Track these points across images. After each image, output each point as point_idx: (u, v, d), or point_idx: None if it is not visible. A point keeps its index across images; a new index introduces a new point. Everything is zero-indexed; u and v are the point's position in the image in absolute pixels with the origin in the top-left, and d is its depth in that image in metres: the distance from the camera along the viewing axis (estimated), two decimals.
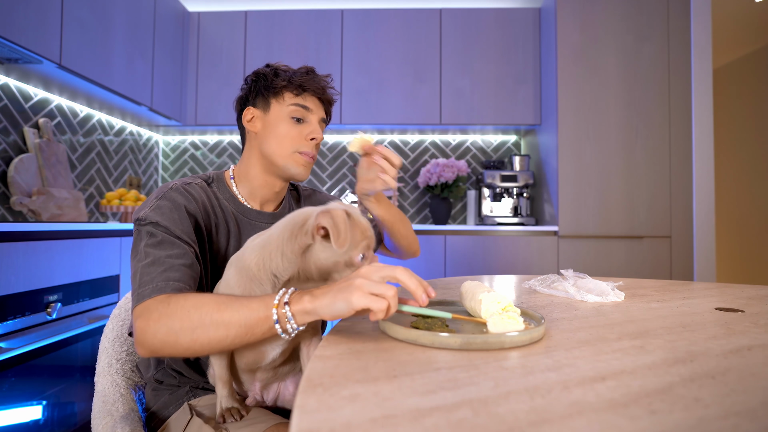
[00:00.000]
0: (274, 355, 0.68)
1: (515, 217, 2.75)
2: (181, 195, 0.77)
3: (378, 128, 2.98)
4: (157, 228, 0.71)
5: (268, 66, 0.91)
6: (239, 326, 0.57)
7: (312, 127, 0.89)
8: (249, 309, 0.57)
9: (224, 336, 0.58)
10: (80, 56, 1.94)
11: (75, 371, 1.53)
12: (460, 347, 0.51)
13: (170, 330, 0.59)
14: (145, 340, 0.61)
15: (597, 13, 2.51)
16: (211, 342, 0.58)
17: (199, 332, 0.58)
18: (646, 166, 2.48)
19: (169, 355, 0.61)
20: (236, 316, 0.57)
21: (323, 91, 0.90)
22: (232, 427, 0.69)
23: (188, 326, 0.59)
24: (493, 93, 2.82)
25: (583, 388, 0.39)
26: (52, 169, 2.10)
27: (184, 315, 0.59)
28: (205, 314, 0.58)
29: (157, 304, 0.62)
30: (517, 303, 0.82)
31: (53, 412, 1.43)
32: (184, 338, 0.59)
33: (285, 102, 0.87)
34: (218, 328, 0.58)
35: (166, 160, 3.25)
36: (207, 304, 0.60)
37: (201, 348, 0.59)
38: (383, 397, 0.37)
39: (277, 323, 0.56)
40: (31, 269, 1.35)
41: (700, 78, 2.49)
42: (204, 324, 0.58)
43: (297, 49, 2.84)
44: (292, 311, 0.56)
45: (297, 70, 0.89)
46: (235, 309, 0.58)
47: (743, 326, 0.63)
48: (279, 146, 0.87)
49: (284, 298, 0.56)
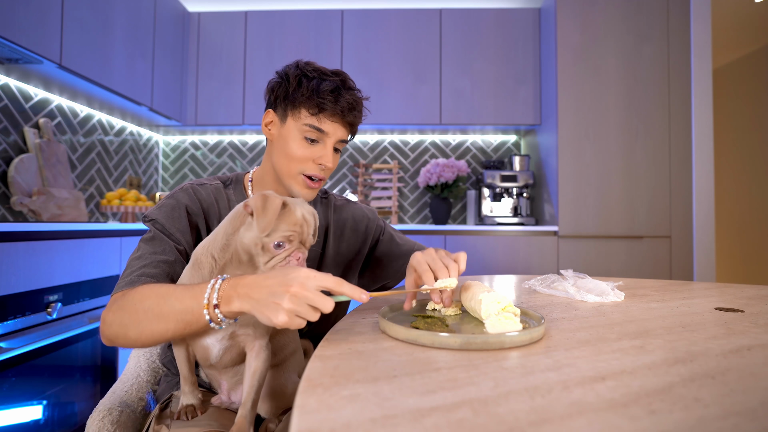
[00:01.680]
0: (216, 353, 0.68)
1: (515, 217, 2.75)
2: (187, 195, 0.80)
3: (378, 128, 2.99)
4: (155, 225, 0.75)
5: (297, 66, 0.83)
6: (177, 321, 0.60)
7: (324, 152, 0.81)
8: (184, 306, 0.59)
9: (165, 329, 0.60)
10: (80, 56, 1.95)
11: (75, 371, 1.53)
12: (460, 347, 0.51)
13: (121, 323, 0.63)
14: (103, 330, 0.65)
15: (597, 13, 2.51)
16: (154, 335, 0.61)
17: (144, 325, 0.61)
18: (646, 166, 2.48)
19: (123, 345, 0.64)
20: (174, 311, 0.60)
21: (344, 114, 0.80)
22: (175, 425, 0.70)
23: (135, 320, 0.61)
24: (493, 93, 2.82)
25: (583, 388, 0.39)
26: (52, 169, 2.11)
27: (132, 309, 0.62)
28: (147, 308, 0.61)
29: (120, 296, 0.65)
30: (517, 303, 0.82)
31: (53, 412, 1.43)
32: (132, 331, 0.62)
33: (300, 119, 0.80)
34: (159, 322, 0.60)
35: (166, 160, 3.25)
36: (150, 297, 0.62)
37: (148, 340, 0.62)
38: (383, 397, 0.37)
39: (211, 322, 0.58)
40: (32, 269, 1.35)
41: (700, 78, 2.49)
42: (147, 318, 0.61)
43: (297, 49, 2.84)
44: (222, 311, 0.58)
45: (323, 83, 0.79)
46: (171, 304, 0.60)
47: (743, 326, 0.63)
48: (286, 164, 0.82)
49: (213, 299, 0.58)
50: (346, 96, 0.80)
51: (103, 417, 0.79)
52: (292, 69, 0.83)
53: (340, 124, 0.81)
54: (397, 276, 0.99)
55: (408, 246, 0.99)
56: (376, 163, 3.17)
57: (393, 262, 0.98)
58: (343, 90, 0.80)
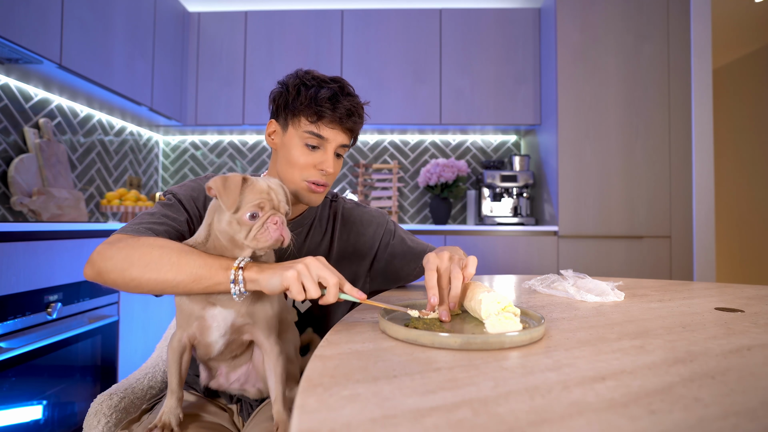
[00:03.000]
0: (218, 348, 0.69)
1: (515, 217, 2.75)
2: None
3: (378, 128, 2.99)
4: (174, 197, 0.80)
5: (297, 76, 0.84)
6: (188, 274, 0.62)
7: (324, 158, 0.82)
8: (205, 263, 0.63)
9: (172, 278, 0.62)
10: (80, 56, 1.95)
11: (75, 371, 1.53)
12: (460, 347, 0.51)
13: (126, 258, 0.64)
14: (97, 261, 0.65)
15: (597, 13, 2.51)
16: (158, 280, 0.63)
17: (151, 267, 0.63)
18: (646, 166, 2.48)
19: (111, 281, 0.65)
20: (191, 265, 0.62)
21: (343, 120, 0.81)
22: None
23: (144, 261, 0.63)
24: (493, 93, 2.82)
25: (583, 388, 0.39)
26: (52, 169, 2.11)
27: (146, 250, 0.64)
28: (164, 254, 0.63)
29: (128, 237, 0.67)
30: (517, 303, 0.82)
31: (53, 412, 1.43)
32: (136, 270, 0.63)
33: (300, 127, 0.82)
34: (170, 270, 0.62)
35: (166, 160, 3.25)
36: (171, 248, 0.64)
37: (147, 283, 0.63)
38: (383, 397, 0.37)
39: (233, 283, 0.61)
40: (32, 269, 1.35)
41: (700, 78, 2.49)
42: (161, 262, 0.63)
43: (297, 49, 2.84)
44: (244, 276, 0.62)
45: (321, 90, 0.80)
46: (192, 259, 0.63)
47: (743, 326, 0.63)
48: (289, 172, 0.83)
49: (240, 263, 0.63)
50: (344, 102, 0.81)
51: (102, 401, 0.80)
52: (292, 78, 0.84)
53: (339, 130, 0.82)
54: (410, 278, 0.99)
55: (420, 248, 0.99)
56: (376, 163, 3.17)
57: (405, 266, 0.98)
58: (341, 96, 0.81)
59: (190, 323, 0.67)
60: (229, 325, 0.67)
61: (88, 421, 0.77)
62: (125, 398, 0.83)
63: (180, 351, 0.69)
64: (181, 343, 0.68)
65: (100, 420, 0.77)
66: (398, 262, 0.98)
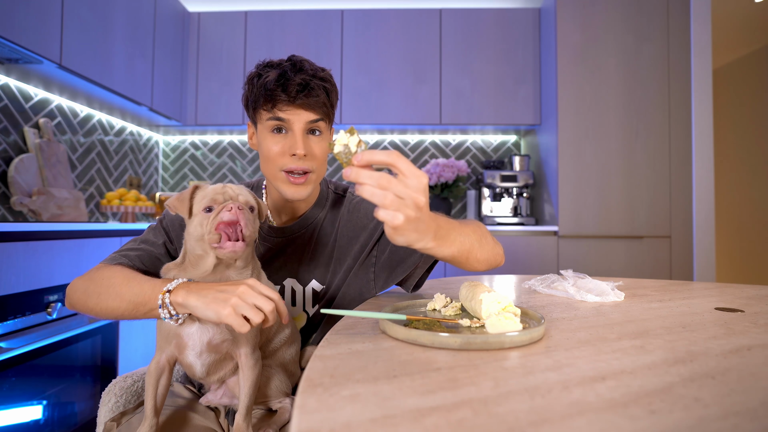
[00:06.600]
0: (200, 370, 0.68)
1: (515, 217, 2.75)
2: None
3: (378, 128, 2.99)
4: (162, 219, 0.84)
5: (256, 68, 0.81)
6: (129, 302, 0.65)
7: (293, 140, 0.78)
8: (142, 290, 0.64)
9: (116, 307, 0.66)
10: (80, 56, 1.94)
11: (75, 371, 1.53)
12: (460, 347, 0.51)
13: (85, 290, 0.70)
14: (69, 293, 0.72)
15: (597, 13, 2.51)
16: (107, 310, 0.67)
17: (102, 298, 0.67)
18: (646, 166, 2.48)
19: (81, 310, 0.71)
20: (130, 293, 0.65)
21: (296, 97, 0.75)
22: None
23: (97, 291, 0.68)
24: (493, 93, 2.82)
25: (583, 388, 0.39)
26: (52, 169, 2.11)
27: (99, 281, 0.69)
28: (111, 285, 0.67)
29: (100, 267, 0.72)
30: (517, 303, 0.82)
31: (53, 412, 1.43)
32: (91, 301, 0.68)
33: (263, 118, 0.79)
34: (114, 299, 0.66)
35: (166, 160, 3.25)
36: (117, 277, 0.68)
37: (101, 312, 0.68)
38: (383, 397, 0.37)
39: (160, 308, 0.62)
40: (32, 269, 1.35)
41: (700, 78, 2.49)
42: (108, 293, 0.67)
43: (297, 49, 2.84)
44: (171, 299, 0.61)
45: (270, 74, 0.77)
46: (133, 286, 0.65)
47: (743, 326, 0.63)
48: (268, 167, 0.80)
49: (170, 287, 0.62)
50: (295, 79, 0.75)
51: (115, 383, 0.84)
52: (252, 73, 0.82)
53: (297, 108, 0.77)
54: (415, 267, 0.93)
55: None
56: None
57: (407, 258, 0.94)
58: (290, 74, 0.76)
59: (168, 342, 0.66)
60: (205, 343, 0.65)
61: (103, 399, 0.84)
62: (138, 382, 0.86)
63: (157, 375, 0.67)
64: (159, 365, 0.67)
65: (110, 399, 0.83)
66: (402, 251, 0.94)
